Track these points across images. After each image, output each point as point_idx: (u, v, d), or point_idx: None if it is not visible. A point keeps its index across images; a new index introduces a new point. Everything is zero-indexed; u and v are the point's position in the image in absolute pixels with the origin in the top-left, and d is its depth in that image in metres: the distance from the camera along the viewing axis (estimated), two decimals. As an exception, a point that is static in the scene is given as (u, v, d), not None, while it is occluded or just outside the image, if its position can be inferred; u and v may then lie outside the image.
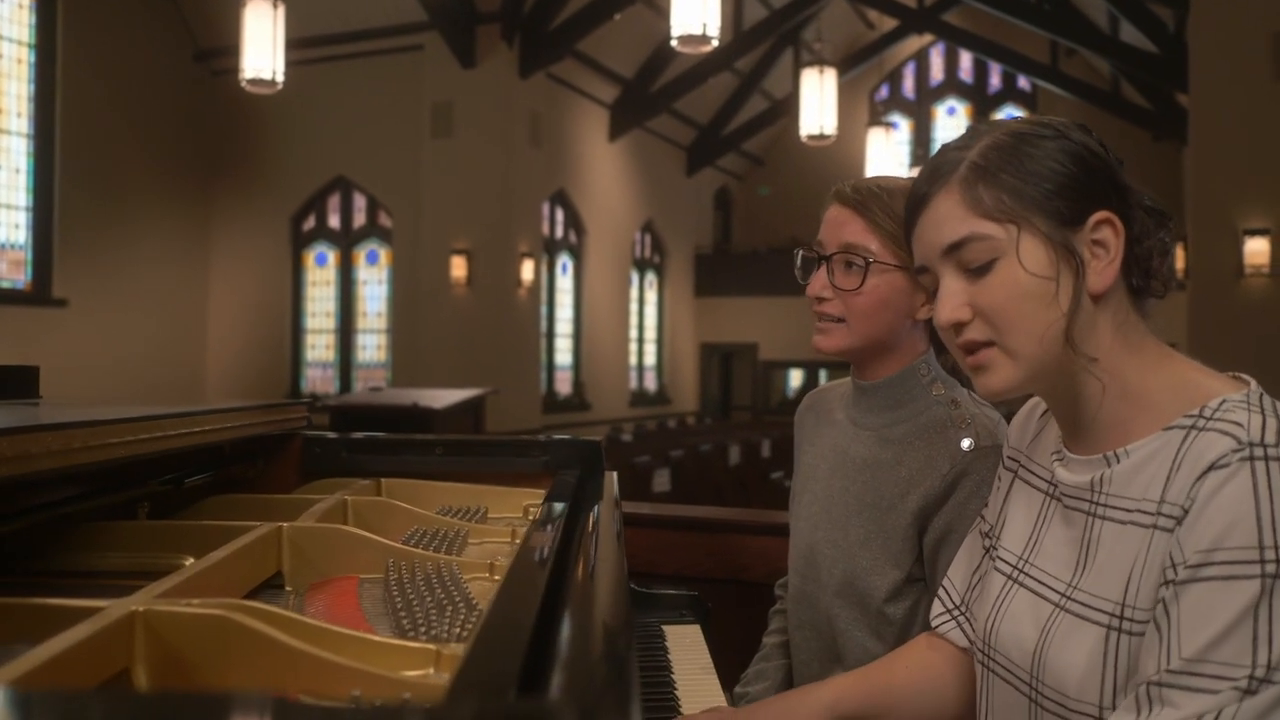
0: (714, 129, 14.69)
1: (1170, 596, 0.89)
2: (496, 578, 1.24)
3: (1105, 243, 0.99)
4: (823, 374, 16.15)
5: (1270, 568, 0.84)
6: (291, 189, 11.50)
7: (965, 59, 15.87)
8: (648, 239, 14.59)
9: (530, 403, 10.82)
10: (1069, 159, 0.99)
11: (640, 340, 14.50)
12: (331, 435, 1.78)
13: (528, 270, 10.62)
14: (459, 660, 0.83)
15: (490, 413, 7.97)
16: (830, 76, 9.95)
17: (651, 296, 14.84)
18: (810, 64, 10.22)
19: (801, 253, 1.52)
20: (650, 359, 14.85)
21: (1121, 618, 0.94)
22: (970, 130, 1.07)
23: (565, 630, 0.71)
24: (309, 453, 1.77)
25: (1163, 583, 0.91)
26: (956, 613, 1.21)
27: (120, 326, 10.22)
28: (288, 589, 1.23)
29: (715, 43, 7.27)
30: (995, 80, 15.89)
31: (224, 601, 0.85)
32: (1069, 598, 1.00)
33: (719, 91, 14.02)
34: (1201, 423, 0.93)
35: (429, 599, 1.04)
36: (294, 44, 7.68)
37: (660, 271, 14.97)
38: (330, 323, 11.83)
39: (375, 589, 1.18)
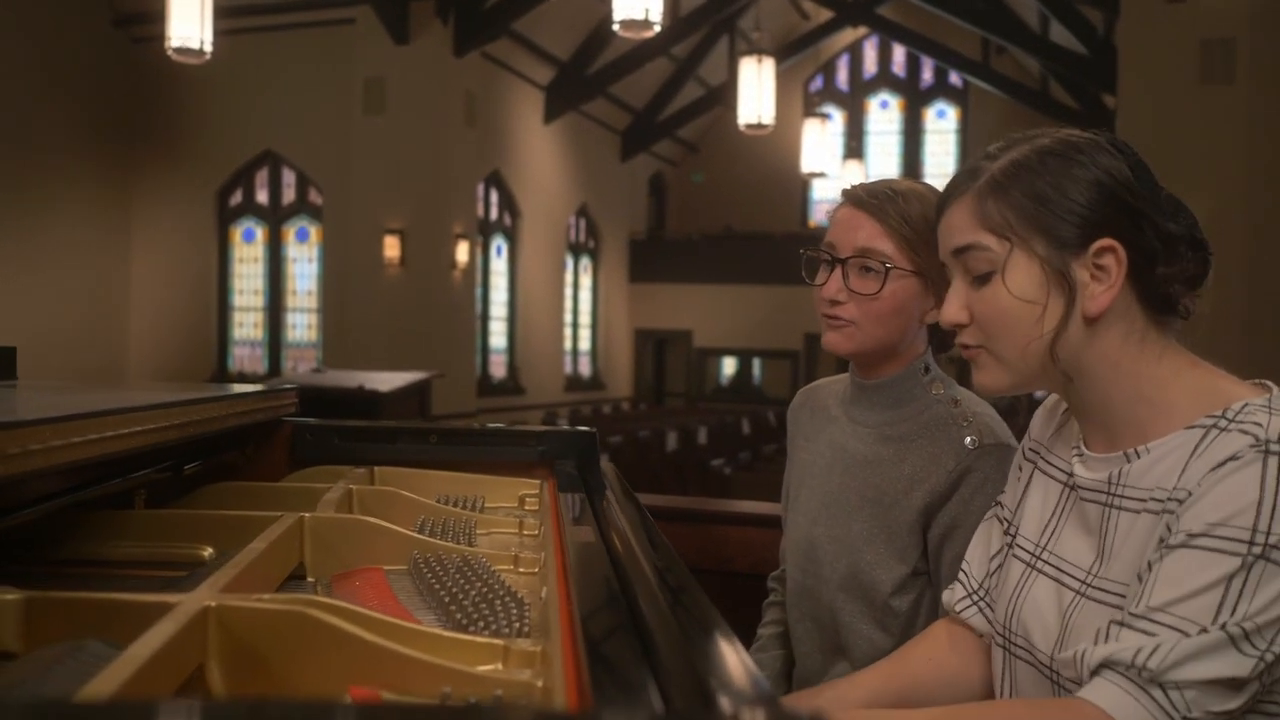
0: (649, 115, 14.69)
1: (1157, 557, 0.95)
2: (522, 570, 1.23)
3: (1107, 268, 1.02)
4: (756, 362, 16.32)
5: (1257, 550, 0.90)
6: (218, 163, 11.21)
7: (899, 53, 16.09)
8: (582, 223, 14.55)
9: (465, 386, 10.73)
10: (1085, 187, 1.02)
11: (575, 325, 14.47)
12: (324, 422, 1.75)
13: (462, 252, 10.52)
14: (537, 657, 0.83)
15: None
16: (769, 66, 10.00)
17: (586, 281, 14.81)
18: (748, 53, 10.26)
19: (808, 253, 1.53)
20: (585, 344, 14.84)
21: None
22: (1009, 138, 1.10)
23: (697, 634, 0.71)
24: (300, 440, 1.74)
25: (1156, 548, 0.96)
26: (976, 597, 1.24)
27: (35, 302, 9.86)
28: (309, 580, 1.21)
29: (657, 28, 7.26)
30: (928, 75, 16.14)
31: (296, 597, 0.84)
32: (1090, 585, 1.05)
33: (655, 77, 14.02)
34: (1223, 423, 0.98)
35: (473, 592, 1.03)
36: (222, 13, 7.46)
37: (595, 256, 14.94)
38: (259, 301, 11.59)
39: (404, 580, 1.17)
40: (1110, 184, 1.02)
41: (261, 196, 11.43)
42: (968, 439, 1.42)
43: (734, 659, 0.66)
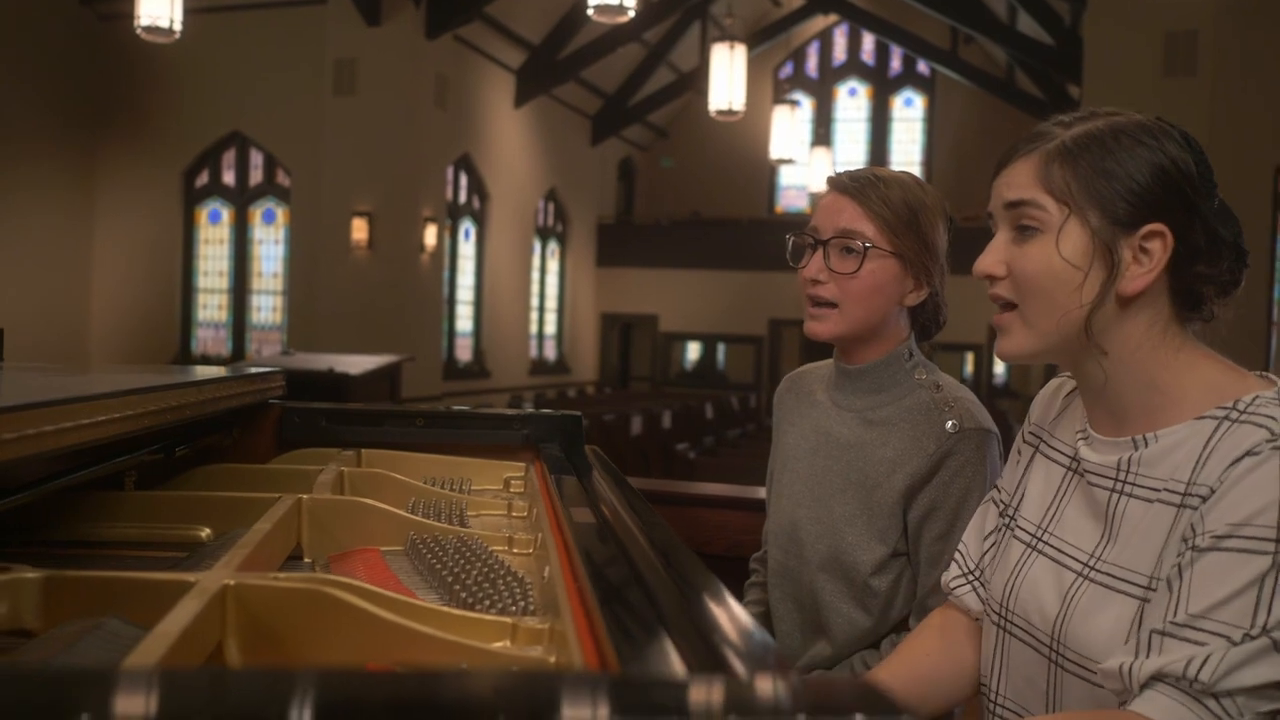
0: (620, 99, 14.66)
1: (1187, 560, 0.97)
2: (517, 550, 1.25)
3: (1151, 252, 1.04)
4: (720, 347, 16.38)
5: None
6: (184, 143, 11.07)
7: (868, 41, 16.15)
8: (551, 207, 14.51)
9: (431, 370, 10.70)
10: (1149, 170, 1.04)
11: (541, 309, 14.44)
12: (311, 405, 1.76)
13: (431, 235, 10.46)
14: (545, 634, 0.85)
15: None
16: (740, 53, 10.01)
17: (553, 265, 14.78)
18: (720, 39, 10.26)
19: (793, 238, 1.56)
20: (551, 328, 14.82)
21: (1151, 590, 1.01)
22: (1085, 111, 1.12)
23: (710, 606, 0.74)
24: (288, 422, 1.75)
25: (1183, 549, 0.98)
26: (971, 576, 1.28)
27: (-3, 281, 9.72)
28: (306, 560, 1.22)
29: (631, 13, 7.26)
30: (896, 64, 16.22)
31: (312, 575, 0.86)
32: (1092, 568, 1.08)
33: (626, 62, 13.98)
34: (1235, 415, 1.00)
35: (474, 572, 1.05)
36: (192, -9, 7.37)
37: (562, 240, 14.92)
38: (223, 283, 11.47)
39: (401, 561, 1.18)
40: (1173, 172, 1.04)
41: (228, 178, 11.30)
42: (949, 423, 1.46)
43: (747, 627, 0.69)
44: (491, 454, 1.81)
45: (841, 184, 1.52)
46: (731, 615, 0.72)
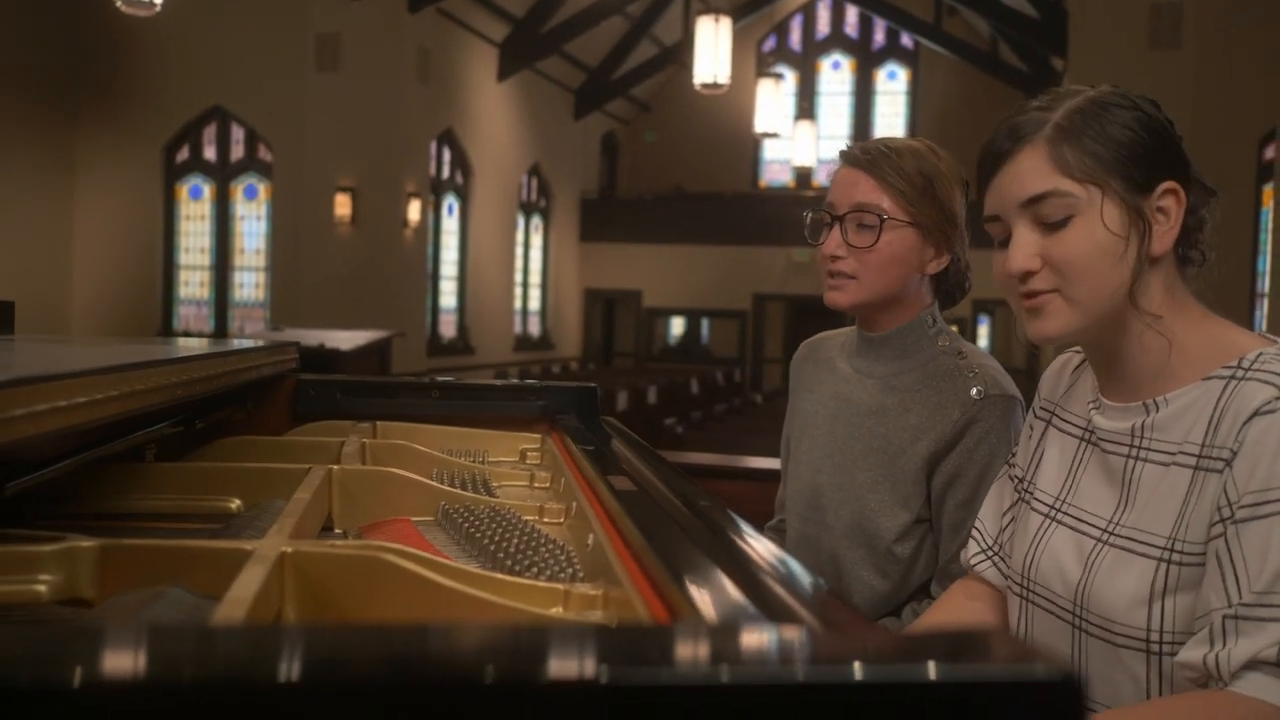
0: (603, 73, 14.57)
1: (1231, 535, 0.98)
2: (548, 520, 1.26)
3: (1168, 210, 1.06)
4: (704, 322, 16.39)
5: None
6: (165, 118, 10.92)
7: (851, 14, 16.10)
8: (534, 182, 14.43)
9: (415, 346, 10.66)
10: (1144, 128, 1.06)
11: (525, 284, 14.39)
12: (326, 377, 1.75)
13: (414, 210, 10.41)
14: (599, 600, 0.86)
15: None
16: (725, 25, 9.96)
17: (537, 240, 14.72)
18: (705, 12, 10.20)
19: (811, 215, 1.56)
20: (535, 304, 14.78)
21: (1172, 550, 1.03)
22: (1051, 93, 1.12)
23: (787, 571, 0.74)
24: (303, 395, 1.74)
25: (1216, 520, 1.00)
26: (991, 552, 1.29)
27: (-24, 258, 9.61)
28: (338, 531, 1.22)
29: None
30: (880, 37, 16.19)
31: (367, 543, 0.85)
32: (1112, 533, 1.10)
33: (609, 35, 13.90)
34: (1240, 373, 1.02)
35: (515, 540, 1.05)
36: (173, -37, 7.26)
37: (546, 215, 14.85)
38: (205, 259, 11.36)
39: (435, 531, 1.18)
40: (1160, 129, 1.07)
41: (209, 153, 11.16)
42: (974, 390, 1.47)
43: (820, 584, 0.70)
44: (504, 426, 1.81)
45: (853, 157, 1.52)
46: (798, 572, 0.73)
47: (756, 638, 0.46)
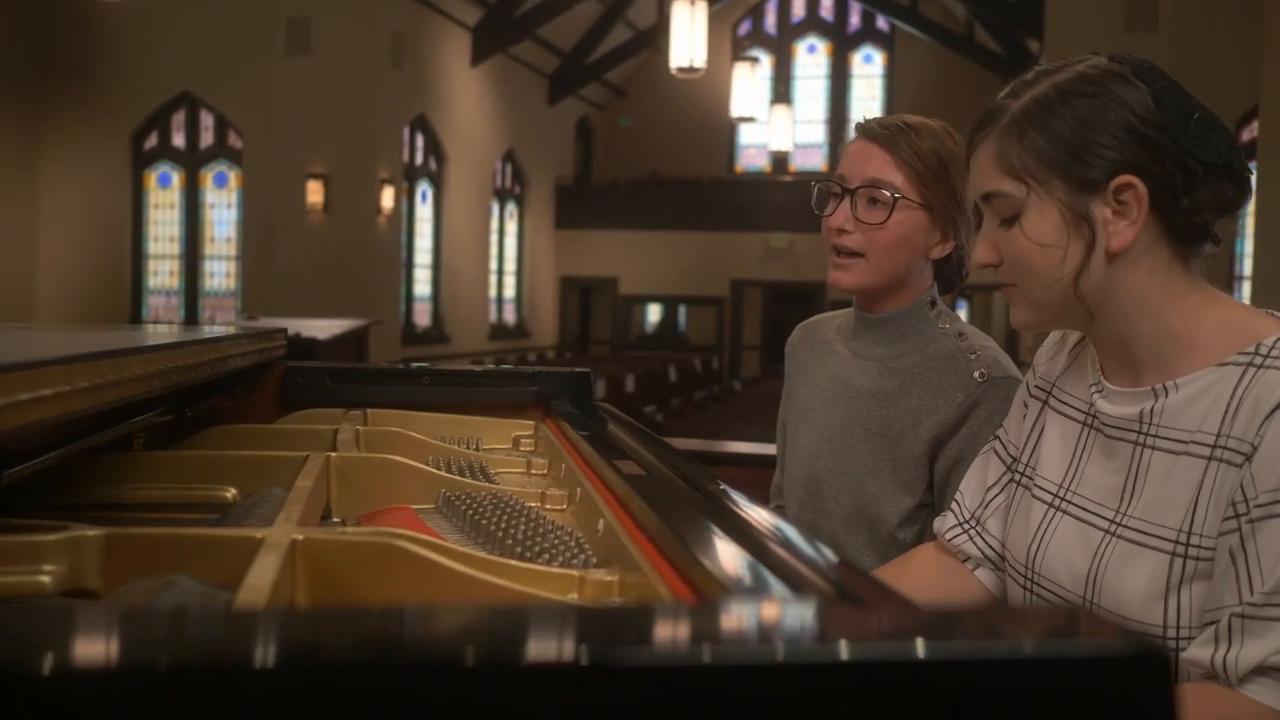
0: (577, 57, 14.49)
1: (1247, 532, 0.94)
2: (550, 506, 1.24)
3: (1127, 204, 1.01)
4: (682, 309, 16.37)
5: None
6: (132, 104, 10.78)
7: (827, -4, 16.09)
8: (508, 169, 14.35)
9: (390, 335, 10.59)
10: (1104, 126, 1.00)
11: (500, 272, 14.32)
12: (315, 364, 1.72)
13: (388, 197, 10.32)
14: (614, 587, 0.84)
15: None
16: (701, 9, 9.92)
17: (512, 228, 14.65)
18: (679, -5, 10.15)
19: (819, 185, 1.54)
20: (510, 291, 14.71)
21: (1187, 545, 0.99)
22: (1032, 74, 1.09)
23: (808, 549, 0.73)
24: (292, 382, 1.71)
25: (1231, 515, 0.96)
26: (967, 525, 1.27)
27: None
28: (336, 519, 1.20)
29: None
30: (855, 20, 16.16)
31: (378, 529, 0.83)
32: (1120, 524, 1.06)
33: (583, 19, 13.81)
34: (1259, 360, 0.98)
35: (522, 527, 1.03)
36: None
37: (521, 202, 14.78)
38: (175, 248, 11.25)
39: (438, 519, 1.16)
40: (1132, 121, 1.00)
41: (178, 140, 11.04)
42: (976, 372, 1.46)
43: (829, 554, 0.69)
44: (497, 413, 1.79)
45: (871, 131, 1.49)
46: (822, 550, 0.71)
47: (812, 615, 0.45)
